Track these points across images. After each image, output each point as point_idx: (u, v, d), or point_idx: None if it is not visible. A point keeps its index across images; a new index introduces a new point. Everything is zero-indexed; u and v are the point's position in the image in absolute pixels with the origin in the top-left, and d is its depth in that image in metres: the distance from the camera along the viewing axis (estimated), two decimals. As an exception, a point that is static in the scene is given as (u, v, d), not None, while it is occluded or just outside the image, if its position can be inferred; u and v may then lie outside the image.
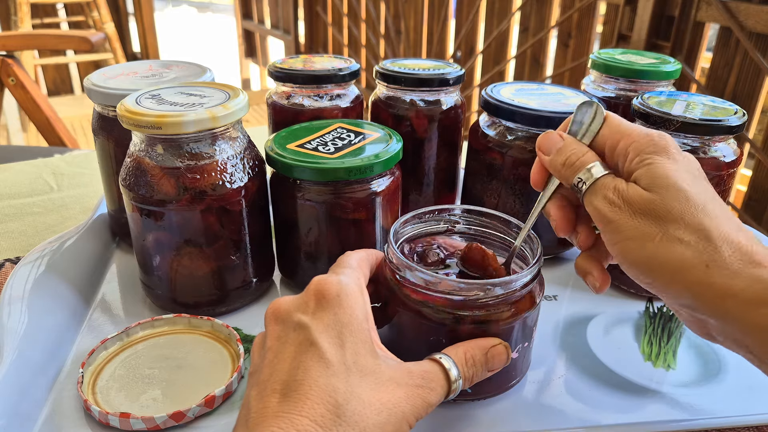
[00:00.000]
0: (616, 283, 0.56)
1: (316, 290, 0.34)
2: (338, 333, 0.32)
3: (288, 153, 0.49)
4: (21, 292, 0.48)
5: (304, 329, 0.32)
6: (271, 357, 0.32)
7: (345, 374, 0.30)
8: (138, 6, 3.33)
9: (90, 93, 0.54)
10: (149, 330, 0.48)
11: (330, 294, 0.33)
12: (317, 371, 0.30)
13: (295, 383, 0.30)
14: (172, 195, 0.45)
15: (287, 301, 0.35)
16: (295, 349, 0.31)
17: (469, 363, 0.36)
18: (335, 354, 0.31)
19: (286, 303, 0.35)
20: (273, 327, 0.34)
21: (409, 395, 0.32)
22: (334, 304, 0.33)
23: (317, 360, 0.30)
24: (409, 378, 0.33)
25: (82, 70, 3.49)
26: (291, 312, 0.34)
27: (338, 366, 0.31)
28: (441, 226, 0.47)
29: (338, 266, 0.37)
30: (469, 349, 0.37)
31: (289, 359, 0.31)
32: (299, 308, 0.34)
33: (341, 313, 0.33)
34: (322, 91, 0.63)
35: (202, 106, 0.45)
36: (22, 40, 1.41)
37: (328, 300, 0.33)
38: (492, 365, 0.38)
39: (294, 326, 0.33)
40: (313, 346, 0.31)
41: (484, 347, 0.37)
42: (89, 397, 0.42)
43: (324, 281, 0.34)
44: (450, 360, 0.35)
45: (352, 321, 0.33)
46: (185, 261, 0.48)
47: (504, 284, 0.38)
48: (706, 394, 0.44)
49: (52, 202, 0.73)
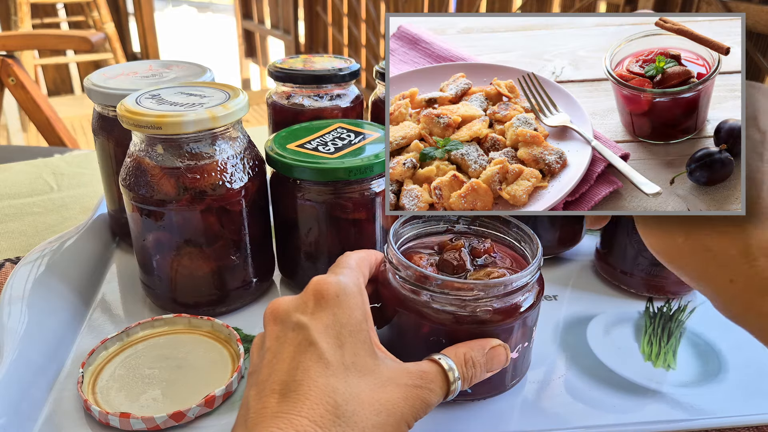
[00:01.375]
0: (616, 283, 0.56)
1: (315, 290, 0.34)
2: (337, 333, 0.32)
3: (288, 153, 0.49)
4: (21, 292, 0.48)
5: (303, 329, 0.32)
6: (270, 357, 0.32)
7: (344, 374, 0.30)
8: (138, 6, 3.33)
9: (90, 93, 0.54)
10: (149, 330, 0.48)
11: (329, 294, 0.33)
12: (316, 371, 0.30)
13: (294, 383, 0.30)
14: (172, 195, 0.45)
15: (286, 302, 0.35)
16: (294, 349, 0.32)
17: (469, 364, 0.36)
18: (334, 354, 0.31)
19: (285, 303, 0.35)
20: (272, 327, 0.34)
21: (408, 396, 0.32)
22: (333, 305, 0.33)
23: (316, 360, 0.30)
24: (408, 378, 0.33)
25: (82, 70, 3.49)
26: (290, 312, 0.34)
27: (337, 366, 0.31)
28: (440, 226, 0.47)
29: (337, 266, 0.37)
30: (468, 349, 0.37)
31: (288, 359, 0.31)
32: (298, 308, 0.34)
33: (340, 313, 0.33)
34: (322, 91, 0.63)
35: (202, 106, 0.45)
36: (22, 40, 1.41)
37: (327, 300, 0.33)
38: (491, 366, 0.38)
39: (293, 326, 0.33)
40: (312, 346, 0.31)
41: (483, 347, 0.37)
42: (89, 397, 0.42)
43: (323, 281, 0.34)
44: (449, 360, 0.35)
45: (350, 321, 0.33)
46: (185, 261, 0.48)
47: (504, 284, 0.38)
48: (706, 394, 0.44)
49: (52, 202, 0.73)
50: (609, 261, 0.56)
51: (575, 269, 0.59)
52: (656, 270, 0.53)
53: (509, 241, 0.45)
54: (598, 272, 0.58)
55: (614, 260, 0.55)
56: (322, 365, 0.30)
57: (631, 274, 0.54)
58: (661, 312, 0.53)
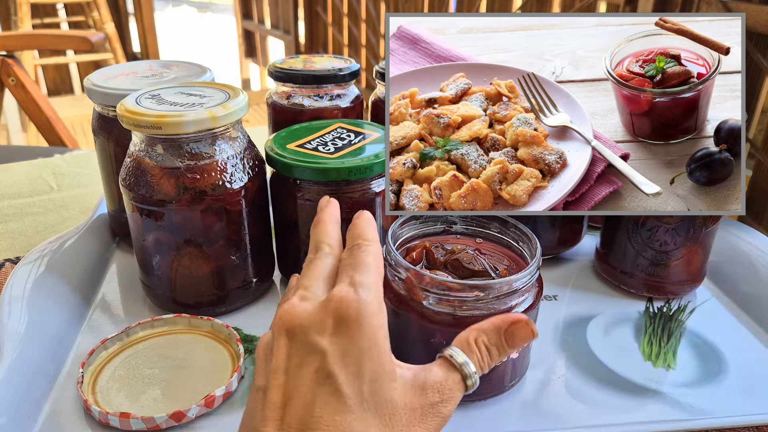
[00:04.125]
0: (616, 283, 0.56)
1: (336, 309, 0.31)
2: (356, 361, 0.30)
3: (288, 153, 0.49)
4: (21, 292, 0.48)
5: (321, 356, 0.30)
6: (283, 380, 0.30)
7: (360, 410, 0.29)
8: (138, 6, 3.33)
9: (90, 93, 0.54)
10: (149, 330, 0.48)
11: (350, 316, 0.31)
12: (334, 407, 0.29)
13: (313, 421, 0.29)
14: (172, 195, 0.45)
15: (302, 315, 0.32)
16: (311, 378, 0.30)
17: (483, 350, 0.34)
18: (352, 386, 0.30)
19: (301, 317, 0.32)
20: (284, 341, 0.31)
21: (425, 415, 0.31)
22: (354, 328, 0.30)
23: (334, 393, 0.29)
24: (423, 397, 0.31)
25: (82, 70, 3.49)
26: (306, 330, 0.31)
27: (354, 400, 0.29)
28: (438, 226, 0.47)
29: (358, 270, 0.33)
30: (480, 334, 0.34)
31: (304, 391, 0.30)
32: (316, 327, 0.31)
33: (360, 337, 0.30)
34: (322, 91, 0.63)
35: (202, 106, 0.45)
36: (22, 40, 1.41)
37: (347, 323, 0.31)
38: (514, 344, 0.34)
39: (309, 349, 0.30)
40: (330, 378, 0.29)
41: (499, 328, 0.34)
42: (89, 397, 0.42)
43: (344, 300, 0.31)
44: (462, 355, 0.33)
45: (371, 347, 0.31)
46: (185, 261, 0.48)
47: (503, 284, 0.38)
48: (706, 394, 0.44)
49: (52, 202, 0.73)
50: (609, 261, 0.56)
51: (575, 269, 0.59)
52: (656, 270, 0.53)
53: (508, 242, 0.45)
54: (598, 272, 0.58)
55: (614, 260, 0.55)
56: (340, 400, 0.29)
57: (631, 274, 0.54)
58: (661, 312, 0.53)
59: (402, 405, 0.31)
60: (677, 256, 0.52)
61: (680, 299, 0.54)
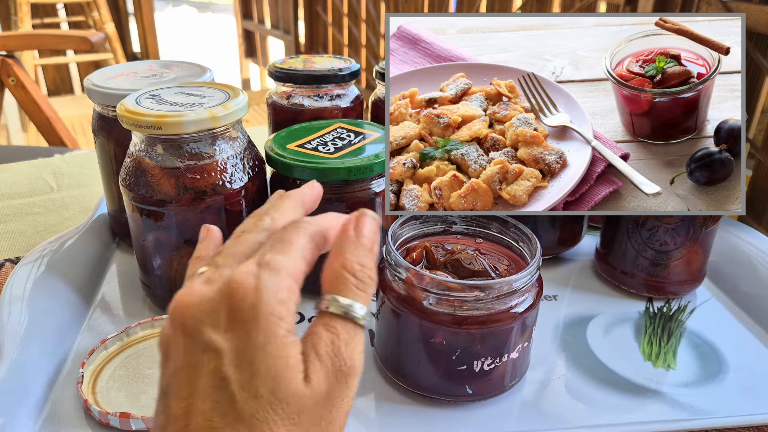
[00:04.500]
0: (616, 283, 0.56)
1: (228, 295, 0.27)
2: (250, 360, 0.26)
3: (288, 153, 0.49)
4: (21, 292, 0.48)
5: (216, 355, 0.26)
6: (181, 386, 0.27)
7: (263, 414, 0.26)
8: (138, 6, 3.33)
9: (90, 93, 0.54)
10: (149, 330, 0.48)
11: (244, 305, 0.26)
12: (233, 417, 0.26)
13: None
14: (172, 195, 0.45)
15: (194, 304, 0.27)
16: (208, 383, 0.26)
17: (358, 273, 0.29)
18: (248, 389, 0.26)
19: (193, 307, 0.27)
20: (179, 337, 0.27)
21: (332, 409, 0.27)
22: (249, 319, 0.26)
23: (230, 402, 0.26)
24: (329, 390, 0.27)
25: (82, 70, 3.49)
26: (199, 325, 0.27)
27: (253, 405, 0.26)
28: (438, 226, 0.47)
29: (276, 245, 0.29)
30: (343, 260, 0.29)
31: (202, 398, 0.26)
32: (209, 319, 0.27)
33: (256, 332, 0.26)
34: (322, 91, 0.63)
35: (202, 106, 0.45)
36: (22, 40, 1.41)
37: (241, 313, 0.26)
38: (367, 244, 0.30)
39: (204, 347, 0.26)
40: (225, 382, 0.26)
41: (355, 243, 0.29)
42: (89, 397, 0.42)
43: (239, 282, 0.27)
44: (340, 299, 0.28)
45: (269, 342, 0.26)
46: (185, 261, 0.48)
47: (503, 284, 0.38)
48: (706, 394, 0.44)
49: (52, 202, 0.73)
50: (609, 261, 0.56)
51: (575, 269, 0.59)
52: (656, 270, 0.53)
53: (508, 242, 0.45)
54: (598, 272, 0.58)
55: (614, 260, 0.55)
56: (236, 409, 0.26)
57: (631, 274, 0.54)
58: (661, 312, 0.53)
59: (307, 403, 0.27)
60: (677, 256, 0.52)
61: (680, 299, 0.54)
